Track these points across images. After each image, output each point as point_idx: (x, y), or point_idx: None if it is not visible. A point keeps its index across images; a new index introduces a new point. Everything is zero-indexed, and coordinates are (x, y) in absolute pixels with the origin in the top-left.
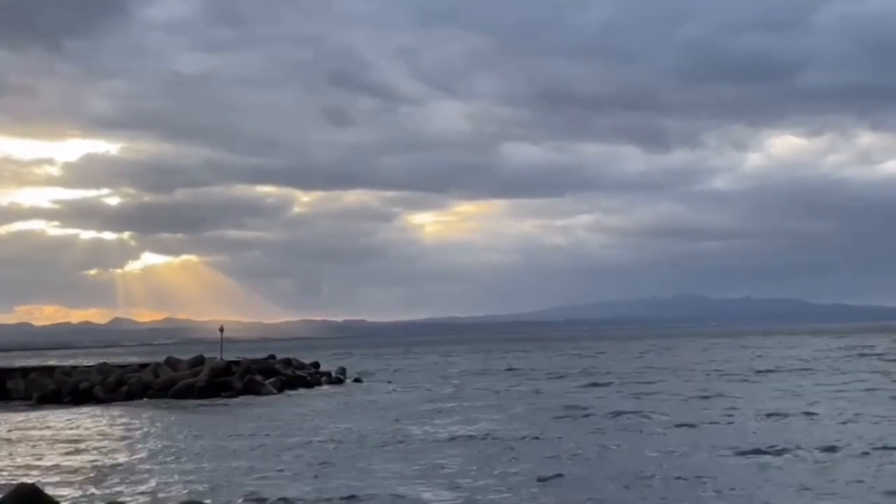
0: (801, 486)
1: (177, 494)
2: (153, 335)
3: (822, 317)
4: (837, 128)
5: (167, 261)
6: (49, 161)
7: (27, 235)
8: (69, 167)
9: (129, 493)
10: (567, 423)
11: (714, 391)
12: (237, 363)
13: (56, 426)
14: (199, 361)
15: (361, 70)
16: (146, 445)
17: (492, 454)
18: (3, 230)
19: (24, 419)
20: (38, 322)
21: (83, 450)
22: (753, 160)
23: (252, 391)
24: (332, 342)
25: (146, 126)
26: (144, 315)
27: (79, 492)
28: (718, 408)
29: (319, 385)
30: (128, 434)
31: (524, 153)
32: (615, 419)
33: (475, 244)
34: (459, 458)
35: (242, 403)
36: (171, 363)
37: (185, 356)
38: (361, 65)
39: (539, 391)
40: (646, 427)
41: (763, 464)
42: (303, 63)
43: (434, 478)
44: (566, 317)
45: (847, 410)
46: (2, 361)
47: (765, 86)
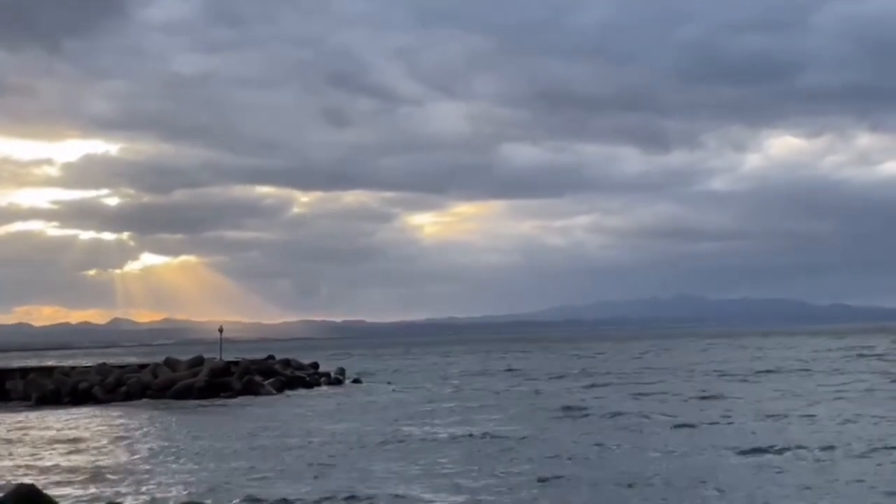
0: (802, 486)
1: (176, 495)
2: (152, 335)
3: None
4: (836, 129)
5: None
6: (48, 161)
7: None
8: (68, 168)
9: (129, 494)
10: (567, 424)
11: (713, 392)
12: (236, 364)
13: (55, 426)
14: (199, 362)
15: (360, 71)
16: (145, 446)
17: (491, 454)
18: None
19: (23, 419)
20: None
21: (82, 450)
22: (752, 161)
23: (251, 392)
24: (331, 343)
25: (145, 127)
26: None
27: (78, 492)
28: (718, 408)
29: (318, 385)
30: (127, 434)
31: (523, 154)
32: (615, 419)
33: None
34: (459, 459)
35: (241, 404)
36: (170, 364)
37: (184, 357)
38: (360, 65)
39: (538, 391)
40: (646, 427)
41: (763, 464)
42: (302, 64)
43: (434, 478)
44: (565, 317)
45: (847, 411)
46: (1, 362)
47: (764, 86)
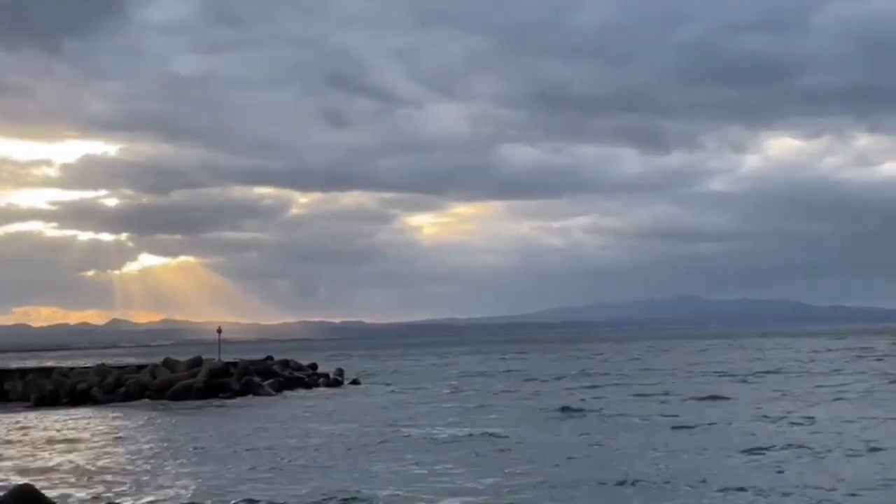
0: (802, 486)
1: (175, 496)
2: (151, 336)
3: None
4: (835, 130)
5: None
6: (47, 162)
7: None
8: (67, 168)
9: (127, 495)
10: (566, 424)
11: (713, 392)
12: (235, 364)
13: (54, 427)
14: (197, 362)
15: (359, 71)
16: (144, 447)
17: (491, 455)
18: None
19: (22, 420)
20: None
21: (81, 451)
22: (751, 162)
23: (250, 392)
24: (330, 343)
25: (144, 127)
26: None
27: (76, 493)
28: (717, 409)
29: (317, 386)
30: (125, 435)
31: (522, 155)
32: (614, 420)
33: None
34: (459, 460)
35: (240, 405)
36: (169, 364)
37: (183, 357)
38: (359, 66)
39: (538, 392)
40: (645, 428)
41: (763, 465)
42: (301, 64)
43: (434, 479)
44: (563, 318)
45: (846, 411)
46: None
47: (763, 87)
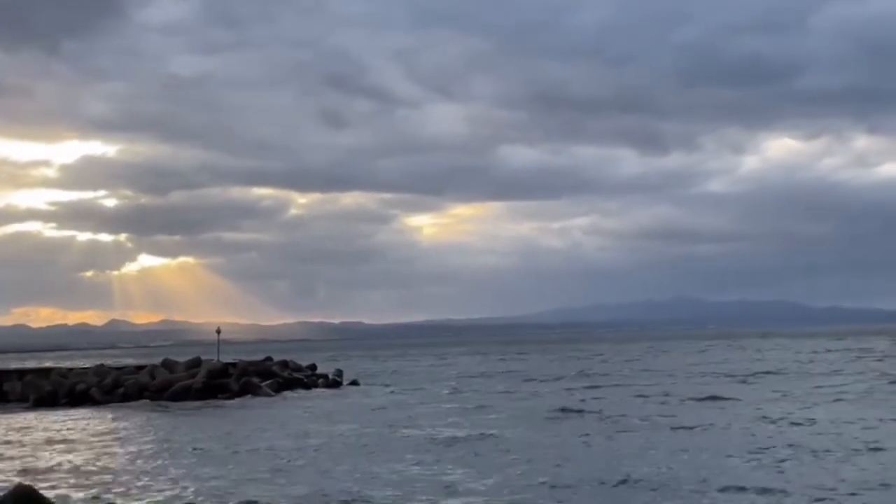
0: (803, 486)
1: (174, 496)
2: (150, 337)
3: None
4: (834, 131)
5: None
6: (46, 163)
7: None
8: (66, 169)
9: (126, 496)
10: (565, 425)
11: (712, 393)
12: (234, 365)
13: (53, 428)
14: (196, 363)
15: (358, 72)
16: (142, 447)
17: (491, 456)
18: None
19: (21, 421)
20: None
21: (80, 451)
22: (750, 163)
23: (249, 393)
24: (329, 344)
25: (143, 128)
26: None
27: (75, 493)
28: (717, 409)
29: (316, 387)
30: (124, 436)
31: (521, 155)
32: (613, 421)
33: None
34: (458, 460)
35: (239, 405)
36: (168, 365)
37: (182, 358)
38: (358, 67)
39: (537, 393)
40: (645, 429)
41: (763, 465)
42: (299, 65)
43: (433, 480)
44: (562, 319)
45: (846, 412)
46: None
47: (762, 88)
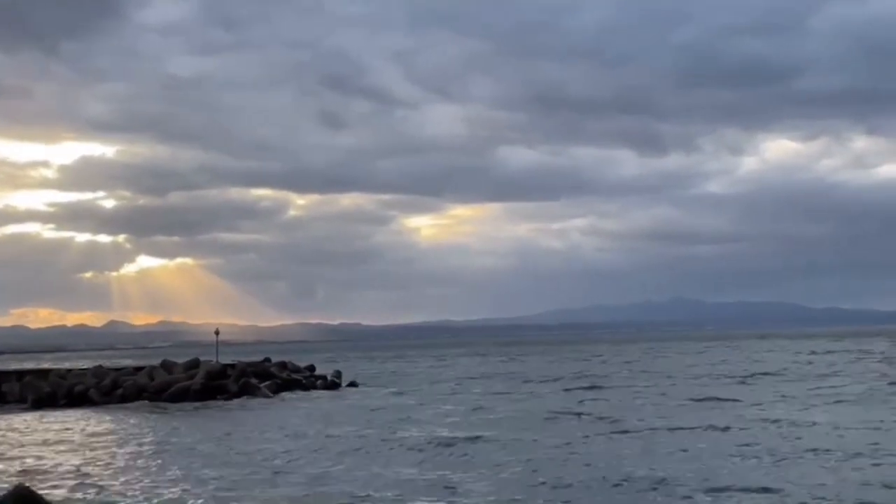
0: (803, 487)
1: (171, 498)
2: (148, 338)
3: (817, 321)
4: (833, 132)
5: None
6: (44, 164)
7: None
8: (65, 170)
9: (125, 497)
10: (564, 427)
11: (711, 394)
12: (232, 366)
13: (51, 429)
14: (195, 364)
15: (357, 73)
16: (141, 448)
17: (489, 457)
18: None
19: (20, 422)
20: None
21: (78, 452)
22: (749, 164)
23: (247, 394)
24: (328, 345)
25: (141, 129)
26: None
27: (74, 494)
28: (716, 411)
29: (315, 388)
30: (122, 437)
31: (519, 157)
32: (613, 422)
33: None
34: (457, 462)
35: (238, 406)
36: (167, 366)
37: (181, 359)
38: (357, 67)
39: (535, 394)
40: (644, 429)
41: (763, 465)
42: (298, 66)
43: (432, 481)
44: (561, 320)
45: (846, 413)
46: None
47: (761, 90)
